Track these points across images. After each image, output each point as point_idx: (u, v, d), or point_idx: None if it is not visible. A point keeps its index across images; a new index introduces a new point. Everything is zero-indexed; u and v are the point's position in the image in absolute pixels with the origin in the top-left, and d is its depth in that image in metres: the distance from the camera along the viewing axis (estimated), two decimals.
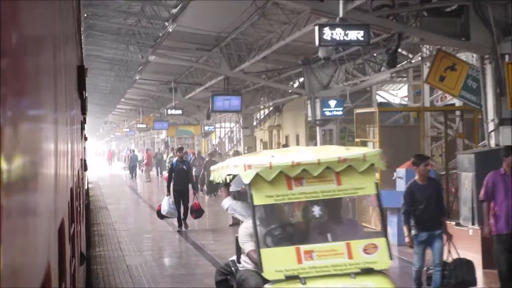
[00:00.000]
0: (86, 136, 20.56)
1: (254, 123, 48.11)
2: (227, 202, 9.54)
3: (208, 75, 32.95)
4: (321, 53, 16.20)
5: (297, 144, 39.82)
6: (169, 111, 38.99)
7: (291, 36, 20.81)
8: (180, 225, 21.24)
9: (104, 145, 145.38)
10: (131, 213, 29.62)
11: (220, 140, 61.87)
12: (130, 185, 48.94)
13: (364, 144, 20.03)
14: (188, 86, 38.86)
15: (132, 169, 56.73)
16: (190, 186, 21.44)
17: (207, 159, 32.54)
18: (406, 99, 35.05)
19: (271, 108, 44.32)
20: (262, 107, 40.62)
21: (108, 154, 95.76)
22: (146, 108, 59.15)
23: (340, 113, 26.18)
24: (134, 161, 56.90)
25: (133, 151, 63.46)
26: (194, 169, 31.80)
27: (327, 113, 26.01)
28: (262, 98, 39.84)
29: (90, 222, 24.94)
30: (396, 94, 36.58)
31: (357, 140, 20.53)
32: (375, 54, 24.23)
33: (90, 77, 42.66)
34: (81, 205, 9.18)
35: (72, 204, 4.28)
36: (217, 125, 60.40)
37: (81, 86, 6.43)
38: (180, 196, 21.08)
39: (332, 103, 26.04)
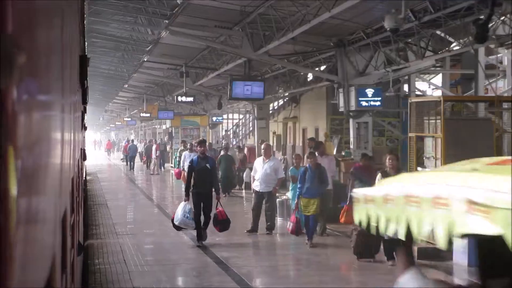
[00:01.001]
0: (86, 125, 19.81)
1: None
2: None
3: (223, 59, 29.48)
4: (388, 23, 12.78)
5: (317, 138, 36.44)
6: (179, 98, 35.37)
7: (329, 12, 17.29)
8: (199, 239, 16.93)
9: (103, 134, 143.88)
10: (135, 213, 26.19)
11: (227, 132, 58.41)
12: (131, 178, 45.51)
13: (421, 140, 16.62)
14: (199, 72, 35.39)
15: (130, 160, 53.56)
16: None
17: (222, 153, 29.08)
18: (439, 90, 31.80)
19: (286, 98, 40.85)
20: (282, 95, 37.12)
21: (107, 144, 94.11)
22: (150, 96, 55.66)
23: (379, 103, 22.78)
24: (134, 152, 53.91)
25: (133, 141, 60.20)
26: None
27: (364, 103, 22.60)
28: (278, 87, 36.35)
29: (88, 222, 21.80)
30: (429, 85, 33.17)
31: (411, 135, 17.08)
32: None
33: (92, 58, 39.24)
34: (80, 195, 9.08)
35: (73, 194, 4.27)
36: (225, 116, 56.96)
37: (82, 76, 6.41)
38: (201, 202, 16.86)
39: (370, 92, 22.62)
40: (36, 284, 1.59)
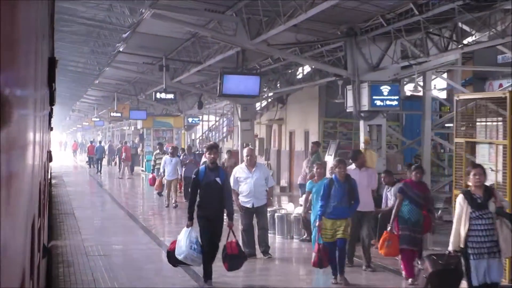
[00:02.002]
0: (52, 126, 18.63)
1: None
2: None
3: (209, 51, 26.05)
4: None
5: (306, 143, 33.23)
6: (159, 95, 31.61)
7: None
8: (207, 277, 12.47)
9: (70, 135, 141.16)
10: (107, 225, 22.69)
11: (203, 134, 54.96)
12: (100, 183, 41.89)
13: (472, 146, 13.33)
14: (177, 68, 31.94)
15: (97, 162, 50.56)
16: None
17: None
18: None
19: (270, 99, 37.51)
20: (266, 94, 33.75)
21: (73, 145, 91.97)
22: (121, 95, 52.04)
23: (395, 103, 19.52)
24: (101, 154, 50.88)
25: (100, 142, 56.68)
26: (183, 168, 25.15)
27: (378, 103, 19.32)
28: (263, 85, 33.00)
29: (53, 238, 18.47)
30: (434, 85, 29.98)
31: (457, 140, 13.76)
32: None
33: (61, 49, 35.62)
34: (46, 198, 9.04)
35: (40, 198, 4.43)
36: (201, 117, 53.52)
37: (51, 78, 6.39)
38: (210, 229, 12.46)
39: (385, 89, 19.37)
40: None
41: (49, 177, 22.61)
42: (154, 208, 27.44)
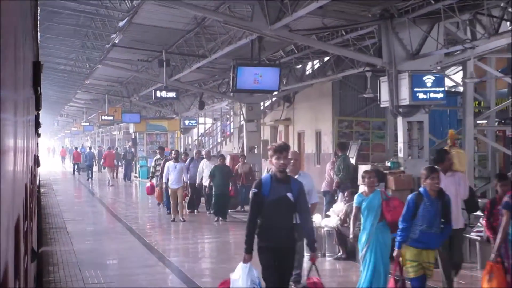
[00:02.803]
0: (40, 132, 17.66)
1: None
2: None
3: (212, 45, 23.22)
4: None
5: (318, 144, 30.46)
6: (159, 93, 28.49)
7: None
8: None
9: (58, 141, 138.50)
10: (106, 243, 19.82)
11: (199, 138, 52.05)
12: (91, 191, 38.94)
13: None
14: (176, 65, 29.08)
15: (88, 169, 47.83)
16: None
17: (217, 163, 22.66)
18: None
19: (274, 98, 34.66)
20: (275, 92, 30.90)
21: (61, 151, 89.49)
22: (112, 97, 49.09)
23: (441, 95, 16.69)
24: (90, 160, 48.07)
25: (90, 148, 53.82)
26: (188, 174, 22.38)
27: (421, 96, 16.50)
28: None
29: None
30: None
31: None
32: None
33: (47, 47, 32.72)
34: (34, 202, 8.82)
35: (26, 201, 4.22)
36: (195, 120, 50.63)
37: (36, 82, 6.37)
38: (278, 263, 8.62)
39: (429, 80, 16.56)
40: None
41: (37, 182, 22.04)
42: (155, 221, 24.56)
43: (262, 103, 33.72)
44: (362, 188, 11.73)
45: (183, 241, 19.96)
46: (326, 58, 25.00)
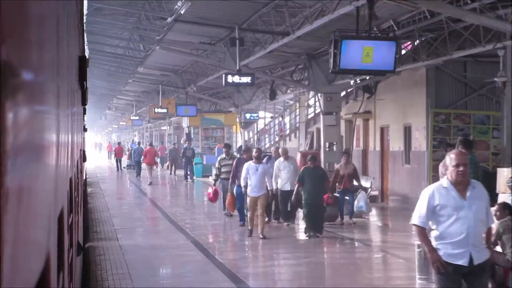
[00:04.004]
0: (86, 127, 18.64)
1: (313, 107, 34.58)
2: None
3: (294, 20, 19.13)
4: None
5: (407, 141, 26.22)
6: (230, 79, 23.79)
7: None
8: None
9: (105, 136, 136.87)
10: (178, 270, 15.91)
11: (257, 135, 47.96)
12: (143, 191, 35.15)
13: None
14: (244, 48, 25.05)
15: (137, 165, 44.43)
16: None
17: (307, 165, 18.20)
18: None
19: (350, 88, 30.37)
20: (353, 82, 26.71)
21: (108, 146, 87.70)
22: (166, 87, 45.28)
23: None
24: (139, 156, 44.00)
25: (139, 143, 50.22)
26: (272, 177, 18.39)
27: None
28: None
29: None
30: None
31: None
32: None
33: (95, 31, 28.99)
34: (80, 196, 9.01)
35: (71, 194, 4.36)
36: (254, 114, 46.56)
37: (82, 77, 6.51)
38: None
39: None
40: (30, 279, 1.61)
41: (84, 177, 21.61)
42: (225, 233, 20.58)
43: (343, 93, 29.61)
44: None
45: (265, 262, 15.98)
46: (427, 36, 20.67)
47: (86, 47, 24.19)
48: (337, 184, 19.85)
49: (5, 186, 1.19)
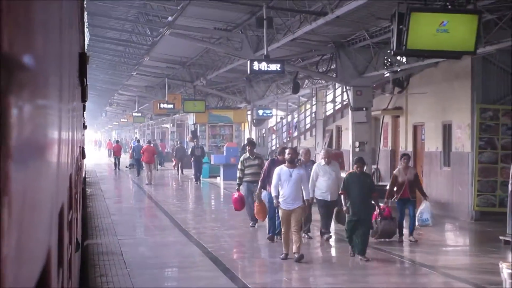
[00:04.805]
0: (86, 124, 19.20)
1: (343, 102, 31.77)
2: None
3: None
4: None
5: (447, 141, 23.30)
6: (256, 66, 19.99)
7: None
8: None
9: (105, 134, 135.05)
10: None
11: (268, 132, 45.00)
12: (148, 193, 32.24)
13: None
14: (260, 36, 22.14)
15: (137, 164, 41.92)
16: None
17: (353, 170, 14.95)
18: None
19: (377, 81, 27.37)
20: (386, 73, 23.77)
21: (107, 144, 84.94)
22: (172, 81, 42.32)
23: None
24: (139, 154, 40.81)
25: (138, 141, 47.54)
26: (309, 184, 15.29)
27: None
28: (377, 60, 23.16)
29: None
30: None
31: None
32: None
33: (95, 23, 26.19)
34: (79, 193, 8.87)
35: (71, 191, 4.38)
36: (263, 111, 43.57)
37: (82, 74, 6.53)
38: None
39: None
40: (31, 275, 1.62)
41: (83, 174, 21.06)
42: (250, 248, 17.65)
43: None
44: None
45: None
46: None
47: (86, 31, 22.05)
48: (394, 192, 16.84)
49: (7, 182, 1.20)
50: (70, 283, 4.42)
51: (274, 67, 19.47)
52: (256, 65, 19.38)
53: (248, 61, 19.75)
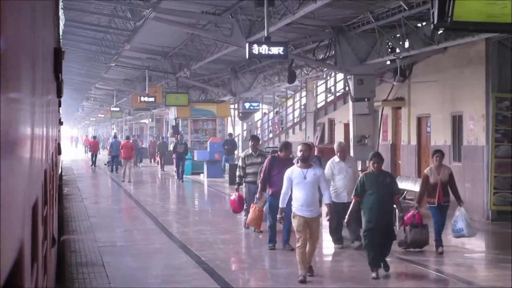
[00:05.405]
0: (62, 120, 18.11)
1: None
2: None
3: None
4: None
5: (457, 133, 21.39)
6: (256, 48, 16.50)
7: None
8: None
9: (82, 130, 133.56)
10: None
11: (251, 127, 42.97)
12: (128, 193, 30.14)
13: None
14: (255, 20, 20.10)
15: (113, 160, 40.70)
16: None
17: (368, 170, 12.57)
18: None
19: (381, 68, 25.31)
20: (391, 58, 21.78)
21: (84, 140, 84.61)
22: (153, 73, 40.20)
23: None
24: (117, 150, 39.47)
25: (115, 136, 45.57)
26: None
27: None
28: (381, 46, 21.20)
29: None
30: None
31: None
32: None
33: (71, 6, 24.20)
34: (55, 188, 9.14)
35: (45, 186, 4.35)
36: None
37: (57, 69, 6.41)
38: None
39: None
40: (2, 268, 1.62)
41: (59, 170, 20.45)
42: (251, 254, 15.66)
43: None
44: None
45: None
46: None
47: (62, 17, 20.90)
48: (425, 196, 14.67)
49: None
50: (46, 278, 4.35)
51: (276, 50, 17.29)
52: (255, 48, 17.21)
53: (247, 44, 17.57)
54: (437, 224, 14.27)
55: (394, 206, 12.55)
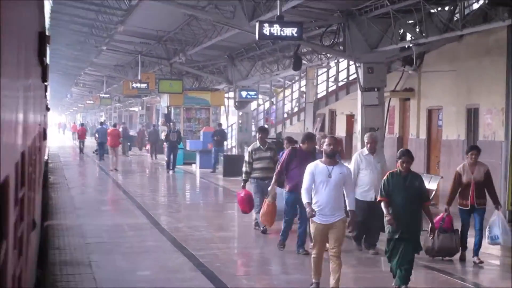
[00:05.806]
0: (48, 106, 17.77)
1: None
2: None
3: None
4: None
5: (472, 127, 20.01)
6: (267, 28, 14.44)
7: None
8: None
9: (69, 117, 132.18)
10: None
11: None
12: (117, 182, 28.67)
13: None
14: (259, 1, 18.65)
15: (100, 148, 39.56)
16: None
17: (394, 170, 10.85)
18: None
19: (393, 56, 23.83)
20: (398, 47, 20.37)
21: (72, 127, 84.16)
22: (146, 59, 38.68)
23: None
24: (103, 138, 38.16)
25: (102, 123, 44.26)
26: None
27: None
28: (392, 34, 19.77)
29: None
30: None
31: None
32: None
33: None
34: (38, 174, 8.80)
35: (23, 168, 4.28)
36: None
37: (41, 53, 6.30)
38: None
39: None
40: None
41: (45, 156, 21.07)
42: (253, 254, 14.22)
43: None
44: None
45: None
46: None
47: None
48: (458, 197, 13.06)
49: None
50: (22, 260, 4.34)
51: (290, 31, 15.68)
52: (266, 29, 15.62)
53: (257, 24, 15.99)
54: (474, 231, 12.74)
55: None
